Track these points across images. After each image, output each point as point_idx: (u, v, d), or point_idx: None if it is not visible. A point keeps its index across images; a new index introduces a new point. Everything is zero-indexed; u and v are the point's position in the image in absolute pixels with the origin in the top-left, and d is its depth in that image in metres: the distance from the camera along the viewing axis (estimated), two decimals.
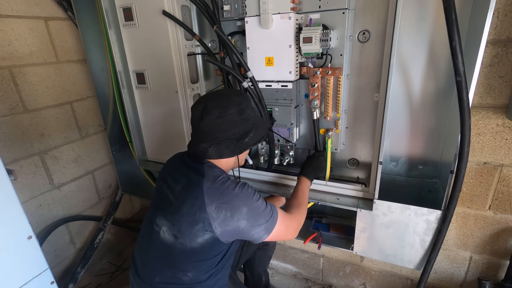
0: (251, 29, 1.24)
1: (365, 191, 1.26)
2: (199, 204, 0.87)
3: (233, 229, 0.88)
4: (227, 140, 0.93)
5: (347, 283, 1.88)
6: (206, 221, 0.86)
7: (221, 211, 0.86)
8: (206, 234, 0.87)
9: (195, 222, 0.87)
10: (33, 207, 1.73)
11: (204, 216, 0.86)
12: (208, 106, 0.91)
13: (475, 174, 1.32)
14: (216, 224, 0.86)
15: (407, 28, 1.11)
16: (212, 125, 0.91)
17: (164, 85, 1.45)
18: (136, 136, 1.69)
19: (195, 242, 0.88)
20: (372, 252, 1.31)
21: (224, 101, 0.93)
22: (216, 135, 0.92)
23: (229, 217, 0.86)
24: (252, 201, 0.90)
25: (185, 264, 0.92)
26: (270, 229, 0.92)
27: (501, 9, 1.07)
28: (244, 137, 0.95)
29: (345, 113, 1.31)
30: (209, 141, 0.93)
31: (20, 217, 0.94)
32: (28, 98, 1.63)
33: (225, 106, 0.91)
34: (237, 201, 0.88)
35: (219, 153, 0.94)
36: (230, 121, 0.91)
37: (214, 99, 0.94)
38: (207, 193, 0.88)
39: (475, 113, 1.23)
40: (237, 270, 1.39)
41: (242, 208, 0.88)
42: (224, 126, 0.91)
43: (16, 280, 0.95)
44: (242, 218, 0.87)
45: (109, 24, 1.46)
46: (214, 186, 0.90)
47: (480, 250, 1.44)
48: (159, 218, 0.95)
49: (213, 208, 0.86)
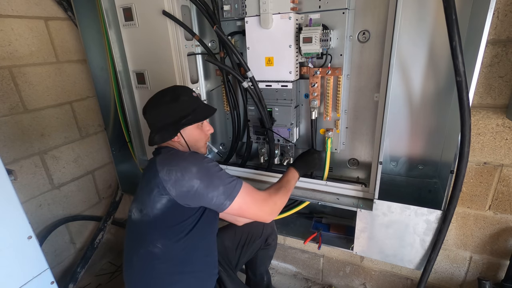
0: (251, 29, 1.24)
1: (365, 191, 1.27)
2: (153, 173, 0.94)
3: (187, 190, 0.90)
4: (166, 125, 1.02)
5: (347, 283, 1.88)
6: (160, 185, 0.91)
7: (172, 173, 0.91)
8: (163, 198, 0.91)
9: (151, 189, 0.93)
10: (33, 207, 1.73)
11: (158, 181, 0.91)
12: (148, 102, 1.06)
13: (475, 174, 1.32)
14: (170, 186, 0.90)
15: (407, 28, 1.11)
16: (151, 117, 1.04)
17: (164, 85, 1.44)
18: (136, 136, 1.69)
19: (156, 209, 0.92)
20: (372, 252, 1.31)
21: (159, 94, 1.06)
22: (157, 124, 1.03)
23: (180, 177, 0.90)
24: (203, 162, 0.95)
25: (152, 234, 0.95)
26: (232, 194, 0.94)
27: (501, 9, 1.07)
28: (181, 120, 1.02)
29: (345, 113, 1.31)
30: (154, 131, 1.04)
31: (20, 217, 0.94)
32: (28, 98, 1.63)
33: (159, 98, 1.04)
34: (186, 162, 0.93)
35: (162, 138, 1.02)
36: (165, 108, 1.02)
37: (153, 96, 1.07)
38: (158, 162, 0.95)
39: (475, 113, 1.23)
40: (238, 270, 1.39)
41: (191, 167, 0.92)
42: (161, 114, 1.02)
43: (16, 280, 0.95)
44: (193, 177, 0.90)
45: (109, 24, 1.46)
46: (165, 156, 0.98)
47: (480, 250, 1.44)
48: (132, 205, 1.02)
49: (164, 172, 0.91)
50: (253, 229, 1.37)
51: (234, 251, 1.34)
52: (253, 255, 1.45)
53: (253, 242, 1.38)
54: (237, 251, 1.35)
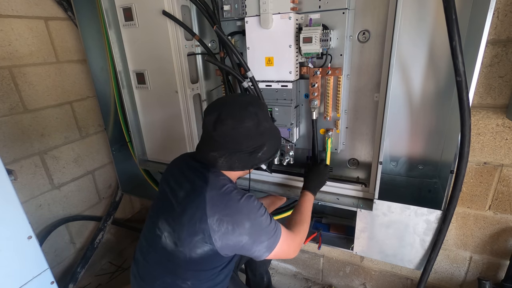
0: (251, 29, 1.24)
1: (365, 191, 1.27)
2: (200, 214, 0.84)
3: (234, 244, 0.85)
4: (240, 153, 0.89)
5: (347, 283, 1.88)
6: (206, 233, 0.83)
7: (223, 224, 0.83)
8: (205, 246, 0.85)
9: (195, 232, 0.85)
10: (33, 207, 1.73)
11: (205, 227, 0.83)
12: (222, 115, 0.86)
13: (475, 174, 1.32)
14: (217, 237, 0.83)
15: (407, 28, 1.11)
16: (225, 136, 0.87)
17: (164, 85, 1.45)
18: (136, 136, 1.69)
19: (195, 253, 0.86)
20: (372, 252, 1.31)
21: (240, 111, 0.87)
22: (229, 146, 0.88)
23: (230, 231, 0.83)
24: (257, 215, 0.87)
25: (185, 272, 0.91)
26: (272, 247, 0.89)
27: (501, 9, 1.07)
28: (257, 151, 0.90)
29: (345, 113, 1.31)
30: (220, 151, 0.89)
31: (20, 217, 0.94)
32: (28, 98, 1.63)
33: (241, 118, 0.86)
34: (241, 215, 0.85)
35: (230, 166, 0.90)
36: (245, 134, 0.87)
37: (229, 108, 0.88)
38: (209, 203, 0.85)
39: (475, 113, 1.23)
40: (238, 270, 1.38)
41: (245, 222, 0.84)
42: (238, 139, 0.87)
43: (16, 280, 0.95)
44: (244, 233, 0.84)
45: (109, 24, 1.46)
46: (217, 196, 0.86)
47: (480, 250, 1.44)
48: (162, 222, 0.93)
49: (214, 220, 0.83)
50: None
51: None
52: None
53: None
54: None
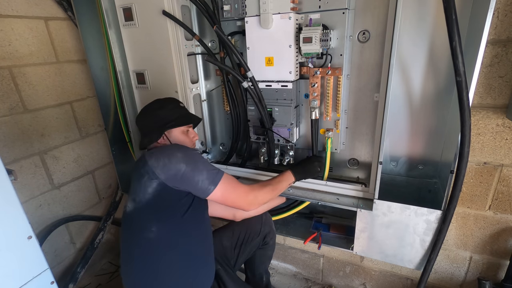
0: (251, 29, 1.24)
1: (365, 191, 1.27)
2: (142, 163, 1.02)
3: (175, 173, 0.99)
4: (153, 128, 1.13)
5: (347, 283, 1.88)
6: (150, 171, 0.99)
7: (159, 159, 1.00)
8: (153, 182, 0.99)
9: (141, 175, 1.01)
10: (33, 207, 1.73)
11: (147, 168, 0.99)
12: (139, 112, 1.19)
13: (475, 174, 1.32)
14: (159, 171, 0.98)
15: (407, 28, 1.11)
16: (141, 123, 1.17)
17: (164, 85, 1.45)
18: (136, 136, 1.69)
19: (147, 193, 0.99)
20: (372, 252, 1.31)
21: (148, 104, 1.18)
22: (145, 129, 1.15)
23: (167, 162, 0.99)
24: (187, 149, 1.05)
25: (147, 221, 1.01)
26: (215, 180, 1.02)
27: (501, 9, 1.07)
28: (165, 124, 1.13)
29: (345, 113, 1.31)
30: (142, 135, 1.16)
31: (20, 217, 0.94)
32: (28, 98, 1.63)
33: (148, 106, 1.17)
34: (172, 150, 1.03)
35: (149, 140, 1.14)
36: (152, 115, 1.15)
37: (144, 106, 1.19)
38: (147, 154, 1.03)
39: (475, 113, 1.23)
40: (237, 270, 1.39)
41: (177, 153, 1.01)
42: (148, 120, 1.15)
43: (16, 280, 0.95)
44: (179, 161, 0.99)
45: (109, 24, 1.46)
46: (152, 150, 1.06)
47: (480, 250, 1.44)
48: (126, 202, 1.09)
49: (152, 160, 1.00)
50: (250, 228, 1.38)
51: (233, 250, 1.34)
52: (251, 254, 1.45)
53: (251, 241, 1.38)
54: (235, 250, 1.35)
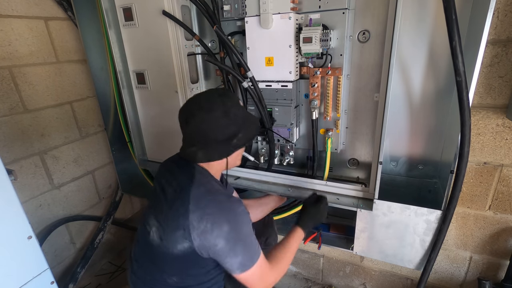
0: (251, 29, 1.24)
1: (365, 191, 1.26)
2: (183, 210, 0.85)
3: (209, 246, 0.84)
4: (215, 143, 0.90)
5: (347, 283, 1.88)
6: (187, 229, 0.84)
7: (203, 221, 0.83)
8: (185, 242, 0.85)
9: (177, 227, 0.85)
10: (33, 207, 1.73)
11: (185, 223, 0.84)
12: (193, 110, 0.89)
13: (475, 174, 1.32)
14: (195, 235, 0.83)
15: (407, 28, 1.11)
16: (197, 129, 0.89)
17: (164, 85, 1.45)
18: (136, 136, 1.69)
19: (176, 249, 0.86)
20: (372, 252, 1.31)
21: (207, 103, 0.89)
22: (203, 139, 0.90)
23: (209, 229, 0.83)
24: (237, 221, 0.86)
25: (170, 268, 0.91)
26: (246, 266, 0.87)
27: (501, 9, 1.07)
28: (232, 138, 0.91)
29: (345, 113, 1.31)
30: (197, 145, 0.91)
31: (20, 217, 0.94)
32: (28, 98, 1.63)
33: (208, 109, 0.88)
34: (222, 216, 0.85)
35: (208, 157, 0.92)
36: (215, 124, 0.88)
37: (197, 102, 0.91)
38: (193, 200, 0.86)
39: (475, 113, 1.23)
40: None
41: (224, 225, 0.84)
42: (210, 129, 0.88)
43: (16, 280, 0.95)
44: (221, 236, 0.83)
45: (109, 24, 1.46)
46: (202, 194, 0.87)
47: (480, 250, 1.44)
48: (151, 218, 0.94)
49: (195, 216, 0.84)
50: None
51: None
52: None
53: None
54: None
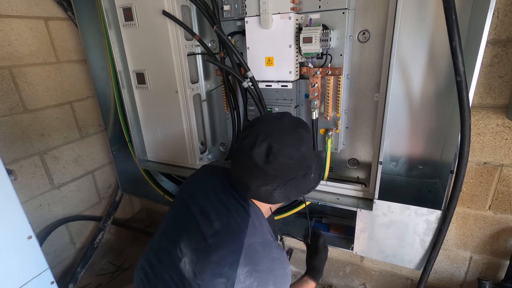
0: (251, 29, 1.23)
1: (365, 191, 1.26)
2: (232, 260, 0.78)
3: None
4: (295, 179, 0.81)
5: (347, 283, 1.88)
6: (231, 280, 0.78)
7: (250, 277, 0.78)
8: None
9: (220, 275, 0.78)
10: (33, 207, 1.73)
11: (232, 274, 0.77)
12: (275, 146, 0.76)
13: (475, 174, 1.32)
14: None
15: (407, 28, 1.11)
16: (282, 168, 0.78)
17: (164, 85, 1.45)
18: (136, 136, 1.69)
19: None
20: (372, 252, 1.31)
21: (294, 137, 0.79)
22: (284, 176, 0.80)
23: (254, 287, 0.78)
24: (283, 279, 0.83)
25: None
26: None
27: (501, 9, 1.07)
28: (309, 172, 0.83)
29: (345, 113, 1.31)
30: (275, 184, 0.80)
31: (20, 217, 0.94)
32: (28, 98, 1.63)
33: (296, 146, 0.78)
34: (270, 276, 0.80)
35: (287, 196, 0.83)
36: (301, 160, 0.80)
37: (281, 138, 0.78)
38: (245, 252, 0.79)
39: (475, 113, 1.23)
40: None
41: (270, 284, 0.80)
42: (295, 167, 0.79)
43: (16, 280, 0.95)
44: None
45: (109, 24, 1.46)
46: (255, 247, 0.81)
47: (480, 250, 1.44)
48: (185, 245, 0.85)
49: (244, 271, 0.78)
50: None
51: None
52: None
53: None
54: None
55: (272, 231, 1.40)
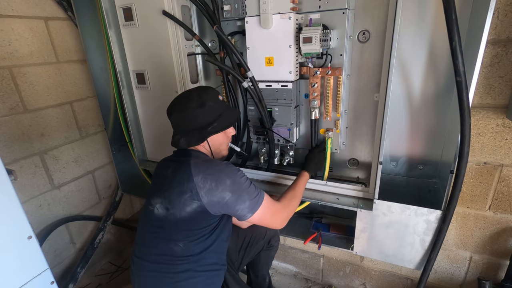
0: (251, 29, 1.24)
1: (365, 191, 1.27)
2: (186, 176, 0.96)
3: (218, 200, 0.95)
4: (193, 130, 1.04)
5: (347, 283, 1.88)
6: (194, 190, 0.94)
7: (207, 181, 0.95)
8: (194, 203, 0.95)
9: (183, 192, 0.95)
10: (33, 207, 1.73)
11: (192, 185, 0.94)
12: (174, 104, 1.07)
13: (475, 174, 1.32)
14: (203, 193, 0.94)
15: (407, 28, 1.11)
16: (177, 120, 1.06)
17: (164, 85, 1.45)
18: (136, 136, 1.69)
19: (184, 211, 0.95)
20: (372, 252, 1.31)
21: (186, 97, 1.06)
22: (183, 127, 1.05)
23: (214, 187, 0.95)
24: (236, 176, 0.99)
25: (176, 234, 0.98)
26: (255, 208, 0.99)
27: (501, 9, 1.07)
28: (207, 126, 1.04)
29: (345, 113, 1.31)
30: (179, 133, 1.06)
31: (20, 217, 0.94)
32: (28, 98, 1.63)
33: (186, 102, 1.04)
34: (221, 174, 0.97)
35: (188, 142, 1.05)
36: (191, 114, 1.03)
37: (178, 97, 1.09)
38: (193, 166, 0.97)
39: (475, 113, 1.23)
40: (239, 271, 1.38)
41: (226, 180, 0.96)
42: (187, 119, 1.04)
43: (16, 280, 0.95)
44: (226, 189, 0.95)
45: (109, 24, 1.46)
46: (200, 162, 1.00)
47: (480, 250, 1.44)
48: (154, 198, 1.03)
49: (199, 178, 0.95)
50: (256, 231, 1.37)
51: (237, 252, 1.33)
52: (255, 256, 1.45)
53: (256, 243, 1.38)
54: (240, 252, 1.34)
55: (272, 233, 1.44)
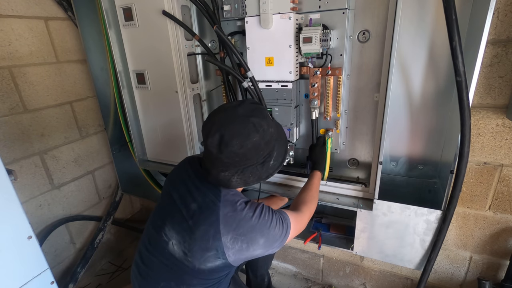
0: (251, 29, 1.23)
1: (365, 191, 1.27)
2: (213, 232, 0.84)
3: (247, 257, 0.88)
4: (251, 166, 0.85)
5: (347, 283, 1.88)
6: (220, 250, 0.84)
7: (237, 242, 0.84)
8: (218, 260, 0.86)
9: (207, 249, 0.85)
10: (33, 207, 1.73)
11: (218, 244, 0.84)
12: (226, 136, 0.80)
13: (475, 174, 1.32)
14: (231, 253, 0.85)
15: (407, 28, 1.11)
16: (233, 157, 0.81)
17: (164, 85, 1.45)
18: (136, 136, 1.69)
19: (204, 265, 0.87)
20: (372, 252, 1.31)
21: (244, 127, 0.81)
22: (239, 164, 0.84)
23: (245, 248, 0.85)
24: (270, 230, 0.87)
25: (191, 279, 0.91)
26: (283, 242, 0.92)
27: (501, 9, 1.07)
28: (268, 160, 0.87)
29: (345, 113, 1.31)
30: (231, 171, 0.85)
31: (20, 217, 0.94)
32: (28, 98, 1.63)
33: (246, 135, 0.80)
34: (254, 233, 0.85)
35: (245, 181, 0.87)
36: (254, 148, 0.82)
37: (231, 126, 0.81)
38: (223, 222, 0.84)
39: (475, 113, 1.23)
40: (238, 271, 1.38)
41: (259, 239, 0.86)
42: (248, 155, 0.82)
43: (16, 280, 0.95)
44: (258, 248, 0.87)
45: (109, 24, 1.46)
46: (230, 214, 0.86)
47: (480, 250, 1.44)
48: (169, 229, 0.91)
49: (228, 238, 0.84)
50: None
51: None
52: None
53: None
54: None
55: None
